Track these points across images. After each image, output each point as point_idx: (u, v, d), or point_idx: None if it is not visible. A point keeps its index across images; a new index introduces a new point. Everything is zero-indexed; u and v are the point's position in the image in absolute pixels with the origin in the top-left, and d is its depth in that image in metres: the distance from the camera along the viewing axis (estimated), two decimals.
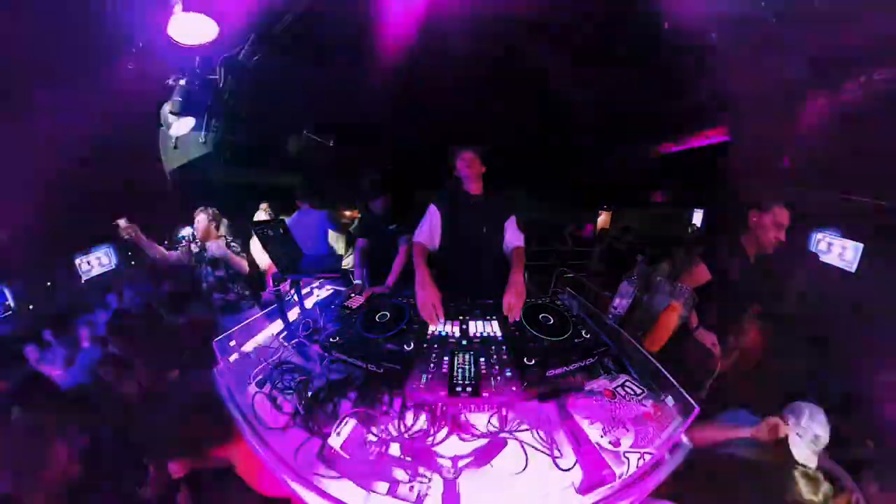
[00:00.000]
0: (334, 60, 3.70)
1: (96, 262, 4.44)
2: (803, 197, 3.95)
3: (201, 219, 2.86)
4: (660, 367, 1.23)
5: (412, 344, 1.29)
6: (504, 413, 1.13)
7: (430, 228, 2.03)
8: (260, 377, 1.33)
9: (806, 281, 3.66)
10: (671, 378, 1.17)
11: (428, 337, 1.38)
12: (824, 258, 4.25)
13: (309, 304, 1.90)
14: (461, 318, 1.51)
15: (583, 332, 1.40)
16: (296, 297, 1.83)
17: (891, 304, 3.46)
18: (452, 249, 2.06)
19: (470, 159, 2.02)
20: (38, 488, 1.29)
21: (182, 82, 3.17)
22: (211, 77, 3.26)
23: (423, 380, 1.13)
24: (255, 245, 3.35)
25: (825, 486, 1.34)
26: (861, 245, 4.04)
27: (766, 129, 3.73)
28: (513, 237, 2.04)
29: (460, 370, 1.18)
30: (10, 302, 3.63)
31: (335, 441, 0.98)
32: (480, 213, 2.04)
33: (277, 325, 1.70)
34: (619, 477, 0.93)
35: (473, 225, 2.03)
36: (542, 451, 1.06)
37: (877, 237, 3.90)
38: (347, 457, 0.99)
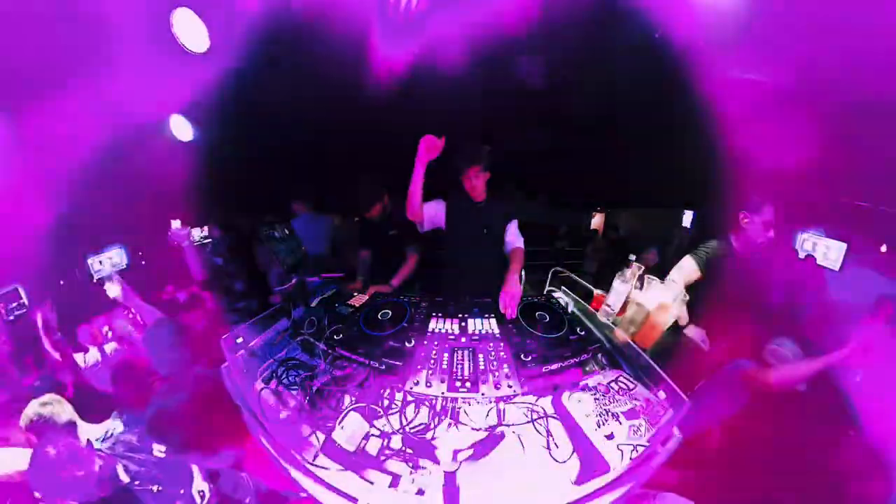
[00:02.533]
0: (335, 68, 3.69)
1: (108, 262, 4.44)
2: (789, 198, 3.96)
3: None
4: (652, 362, 1.23)
5: (413, 341, 1.29)
6: (502, 407, 1.13)
7: (434, 208, 2.06)
8: (266, 373, 1.32)
9: (793, 279, 3.67)
10: (663, 373, 1.17)
11: (428, 334, 1.38)
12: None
13: (313, 302, 1.89)
14: (460, 316, 1.51)
15: (577, 330, 1.40)
16: (301, 296, 1.83)
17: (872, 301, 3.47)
18: (454, 251, 2.07)
19: (475, 172, 2.00)
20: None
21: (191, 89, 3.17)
22: (217, 83, 3.24)
23: (424, 375, 1.13)
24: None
25: None
26: (845, 244, 4.05)
27: (754, 133, 3.73)
28: (513, 239, 2.06)
29: (459, 366, 1.18)
30: (24, 300, 3.63)
31: (338, 435, 0.98)
32: (482, 218, 2.05)
33: (283, 323, 1.69)
34: (614, 469, 0.93)
35: (475, 228, 2.05)
36: (539, 445, 1.05)
37: (860, 237, 3.91)
38: (350, 450, 0.98)
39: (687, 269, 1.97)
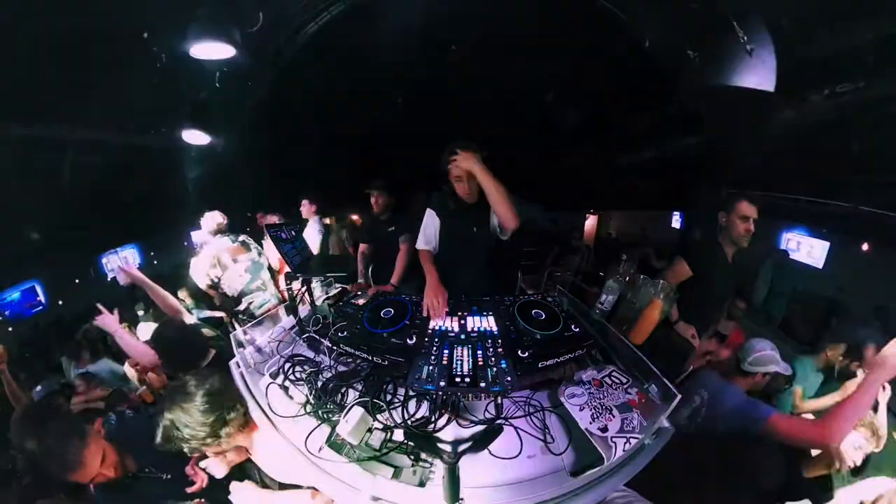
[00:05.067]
0: (338, 73, 3.70)
1: (122, 261, 4.44)
2: (774, 200, 3.97)
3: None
4: (644, 357, 1.23)
5: (414, 338, 1.29)
6: (500, 401, 1.13)
7: (431, 233, 2.00)
8: (273, 369, 1.32)
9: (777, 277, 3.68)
10: (654, 368, 1.17)
11: (429, 332, 1.37)
12: (794, 256, 4.27)
13: (319, 301, 1.89)
14: (459, 314, 1.51)
15: (572, 327, 1.40)
16: (307, 295, 1.82)
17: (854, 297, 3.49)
18: (447, 250, 2.03)
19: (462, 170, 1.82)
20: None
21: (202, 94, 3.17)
22: (227, 89, 3.24)
23: (425, 371, 1.13)
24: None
25: None
26: (828, 243, 4.06)
27: (738, 137, 3.74)
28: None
29: (459, 362, 1.18)
30: (42, 297, 3.63)
31: (343, 428, 0.97)
32: (473, 217, 1.95)
33: (289, 321, 1.69)
34: (608, 460, 0.93)
35: (466, 227, 1.96)
36: (536, 437, 1.05)
37: (842, 236, 3.92)
38: (354, 443, 0.98)
39: (678, 267, 1.97)
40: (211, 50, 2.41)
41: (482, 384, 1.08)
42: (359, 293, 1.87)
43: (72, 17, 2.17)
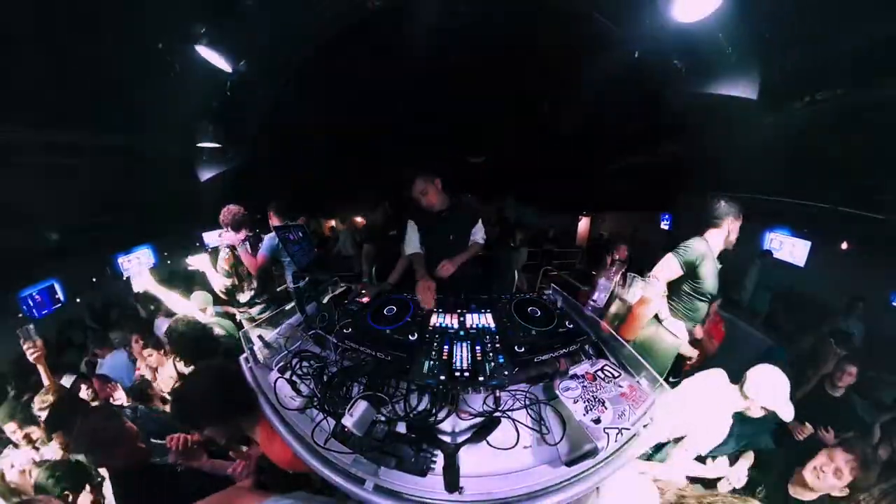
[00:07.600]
0: (342, 83, 3.69)
1: (136, 262, 4.43)
2: (758, 201, 3.97)
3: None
4: (634, 352, 1.22)
5: (416, 334, 1.28)
6: (498, 394, 1.12)
7: (414, 240, 2.05)
8: (281, 364, 1.31)
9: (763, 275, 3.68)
10: (644, 362, 1.16)
11: (430, 328, 1.37)
12: (777, 255, 4.27)
13: (324, 299, 1.88)
14: (459, 311, 1.50)
15: (566, 323, 1.39)
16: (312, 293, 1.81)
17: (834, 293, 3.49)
18: (433, 255, 2.05)
19: (420, 191, 1.89)
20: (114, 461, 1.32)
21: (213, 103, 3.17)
22: (236, 98, 3.23)
23: (426, 366, 1.12)
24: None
25: None
26: (809, 242, 4.06)
27: (725, 142, 3.74)
28: (476, 235, 2.07)
29: (459, 357, 1.17)
30: (61, 295, 3.62)
31: (348, 420, 0.97)
32: (446, 225, 2.02)
33: (297, 318, 1.69)
34: (601, 450, 0.92)
35: (441, 234, 2.03)
36: (532, 428, 1.05)
37: (823, 235, 3.93)
38: (359, 434, 0.98)
39: (669, 266, 1.96)
40: (221, 59, 2.41)
41: (481, 378, 1.08)
42: (363, 291, 1.87)
43: (84, 21, 2.17)
